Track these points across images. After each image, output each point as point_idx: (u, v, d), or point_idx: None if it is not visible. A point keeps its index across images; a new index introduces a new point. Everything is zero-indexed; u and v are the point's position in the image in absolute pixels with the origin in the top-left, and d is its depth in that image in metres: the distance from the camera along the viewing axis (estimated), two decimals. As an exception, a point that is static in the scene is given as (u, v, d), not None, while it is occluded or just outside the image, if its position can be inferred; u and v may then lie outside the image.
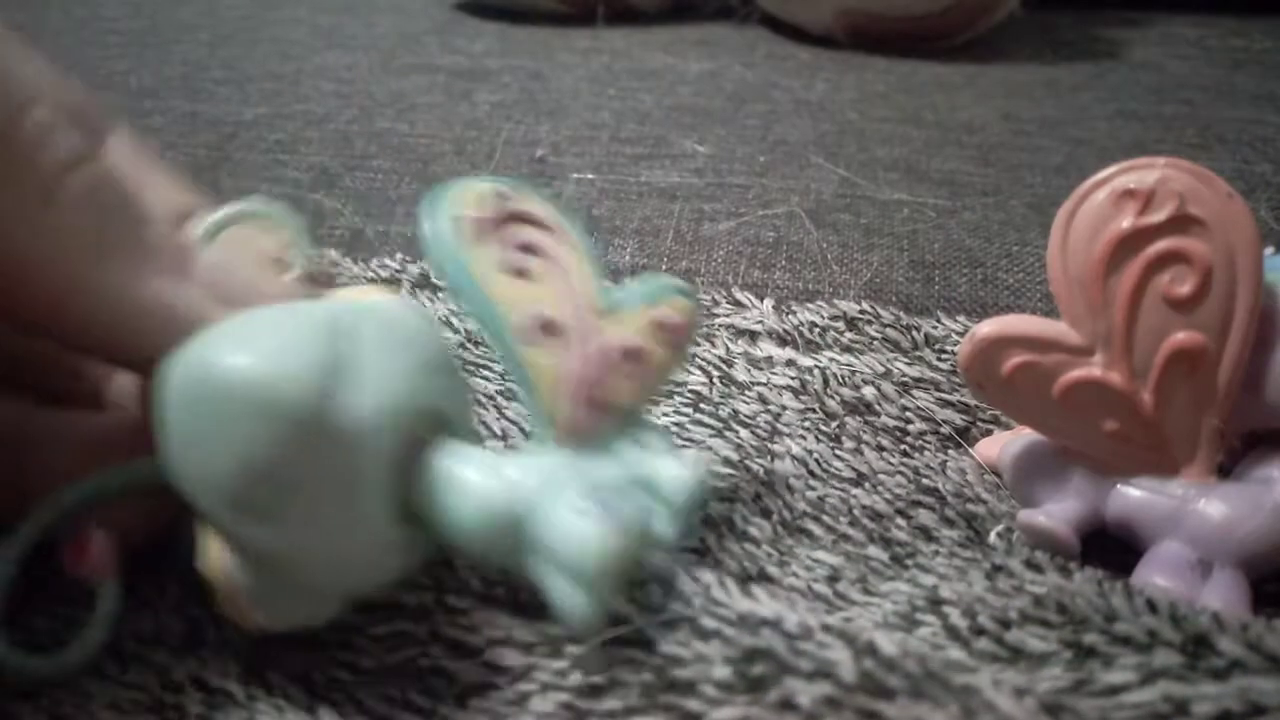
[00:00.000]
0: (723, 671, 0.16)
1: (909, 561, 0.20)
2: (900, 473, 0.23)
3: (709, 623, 0.16)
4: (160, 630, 0.19)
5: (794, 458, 0.23)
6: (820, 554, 0.21)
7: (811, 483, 0.23)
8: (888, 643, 0.15)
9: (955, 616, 0.19)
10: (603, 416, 0.18)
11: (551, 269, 0.19)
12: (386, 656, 0.18)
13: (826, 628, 0.16)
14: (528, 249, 0.19)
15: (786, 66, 0.55)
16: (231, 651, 0.18)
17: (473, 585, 0.18)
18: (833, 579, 0.20)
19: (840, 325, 0.29)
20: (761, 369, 0.27)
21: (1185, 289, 0.20)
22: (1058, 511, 0.21)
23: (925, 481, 0.23)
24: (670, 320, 0.20)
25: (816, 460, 0.23)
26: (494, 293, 0.18)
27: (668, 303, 0.20)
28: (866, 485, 0.23)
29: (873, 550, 0.21)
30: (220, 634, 0.18)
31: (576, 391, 0.18)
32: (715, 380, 0.26)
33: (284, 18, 0.60)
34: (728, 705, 0.15)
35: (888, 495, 0.22)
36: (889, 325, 0.29)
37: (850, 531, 0.21)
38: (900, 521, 0.22)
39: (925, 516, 0.22)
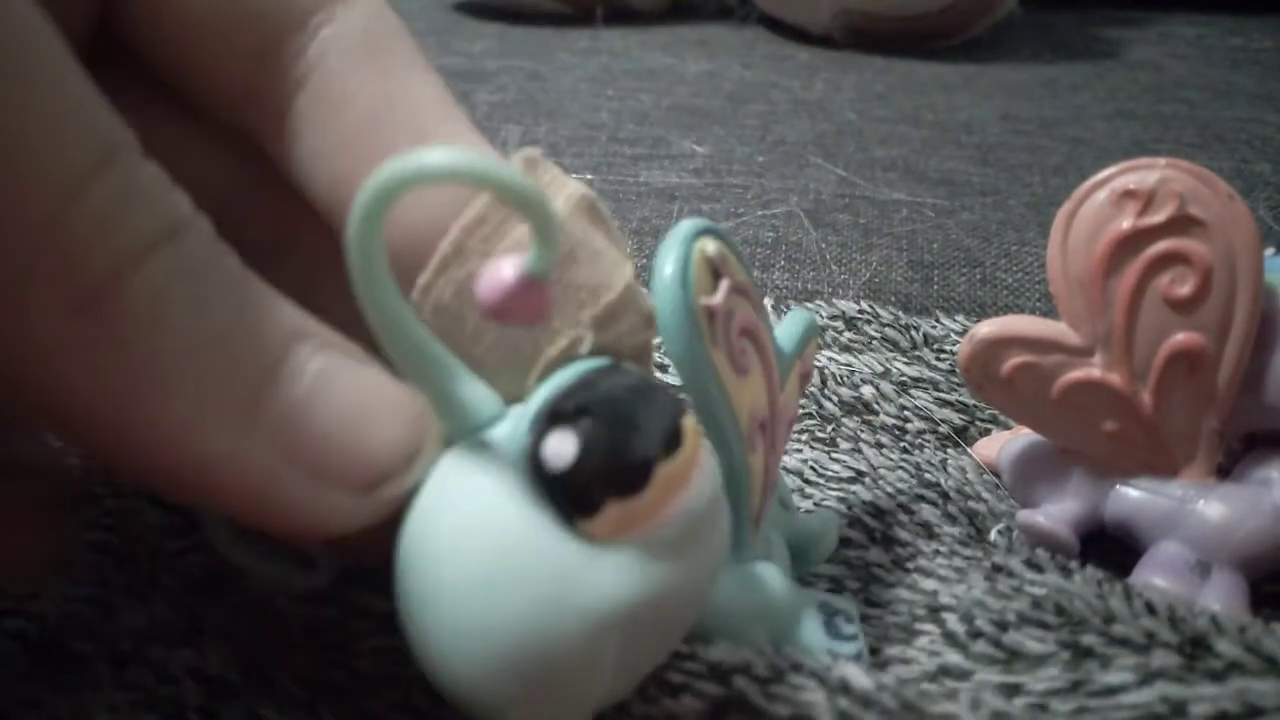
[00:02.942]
0: None
1: (909, 564, 0.20)
2: (901, 468, 0.23)
3: (676, 677, 0.16)
4: (155, 623, 0.19)
5: (789, 470, 0.23)
6: (821, 566, 0.21)
7: (808, 490, 0.23)
8: (861, 677, 0.15)
9: (953, 622, 0.19)
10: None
11: (761, 355, 0.17)
12: (387, 666, 0.18)
13: (797, 667, 0.16)
14: (745, 334, 0.17)
15: (785, 66, 0.55)
16: (230, 642, 0.18)
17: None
18: (833, 592, 0.20)
19: (839, 325, 0.29)
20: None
21: (1185, 290, 0.20)
22: (1057, 512, 0.21)
23: (927, 476, 0.23)
24: (808, 369, 0.19)
25: (813, 467, 0.23)
26: (729, 399, 0.16)
27: (809, 348, 0.19)
28: (867, 480, 0.23)
29: (874, 554, 0.21)
30: (218, 623, 0.18)
31: (768, 484, 0.17)
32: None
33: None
34: None
35: (889, 489, 0.22)
36: (888, 325, 0.29)
37: (851, 534, 0.21)
38: (903, 517, 0.22)
39: (928, 512, 0.22)
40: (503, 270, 0.12)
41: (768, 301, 0.30)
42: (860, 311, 0.29)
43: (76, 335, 0.11)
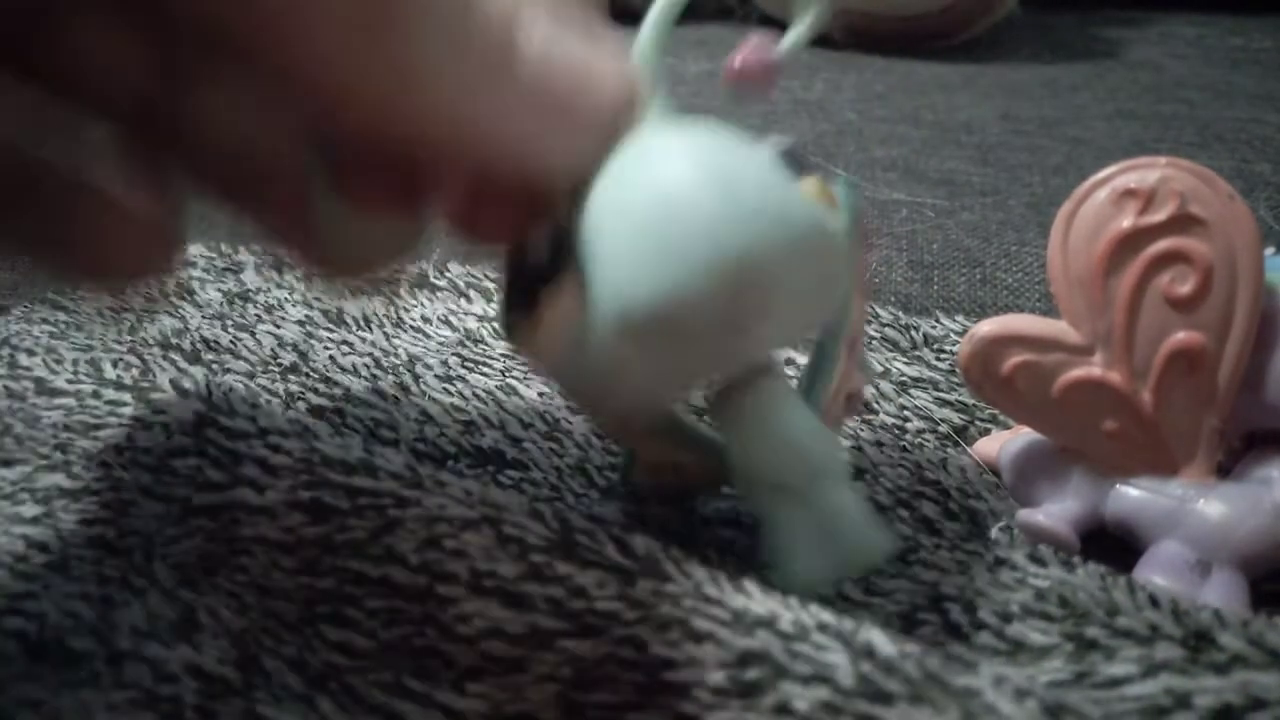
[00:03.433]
0: (716, 676, 0.16)
1: (911, 557, 0.20)
2: (902, 465, 0.23)
3: (701, 624, 0.16)
4: (151, 620, 0.19)
5: None
6: None
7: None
8: (886, 643, 0.15)
9: (956, 613, 0.19)
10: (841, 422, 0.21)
11: (864, 287, 0.21)
12: (382, 633, 0.18)
13: (823, 626, 0.16)
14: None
15: (785, 67, 0.55)
16: (226, 636, 0.18)
17: (461, 575, 0.18)
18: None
19: (839, 325, 0.29)
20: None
21: (1186, 289, 0.20)
22: (1057, 511, 0.21)
23: (927, 474, 0.23)
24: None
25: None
26: (853, 307, 0.19)
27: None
28: (867, 478, 0.23)
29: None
30: (214, 613, 0.18)
31: (840, 389, 0.20)
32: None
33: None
34: (722, 710, 0.15)
35: (889, 486, 0.22)
36: (887, 325, 0.29)
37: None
38: (903, 513, 0.22)
39: (928, 508, 0.22)
40: (766, 48, 0.18)
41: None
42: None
43: (372, 42, 0.14)
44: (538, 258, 0.17)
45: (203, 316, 0.30)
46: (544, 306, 0.16)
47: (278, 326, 0.30)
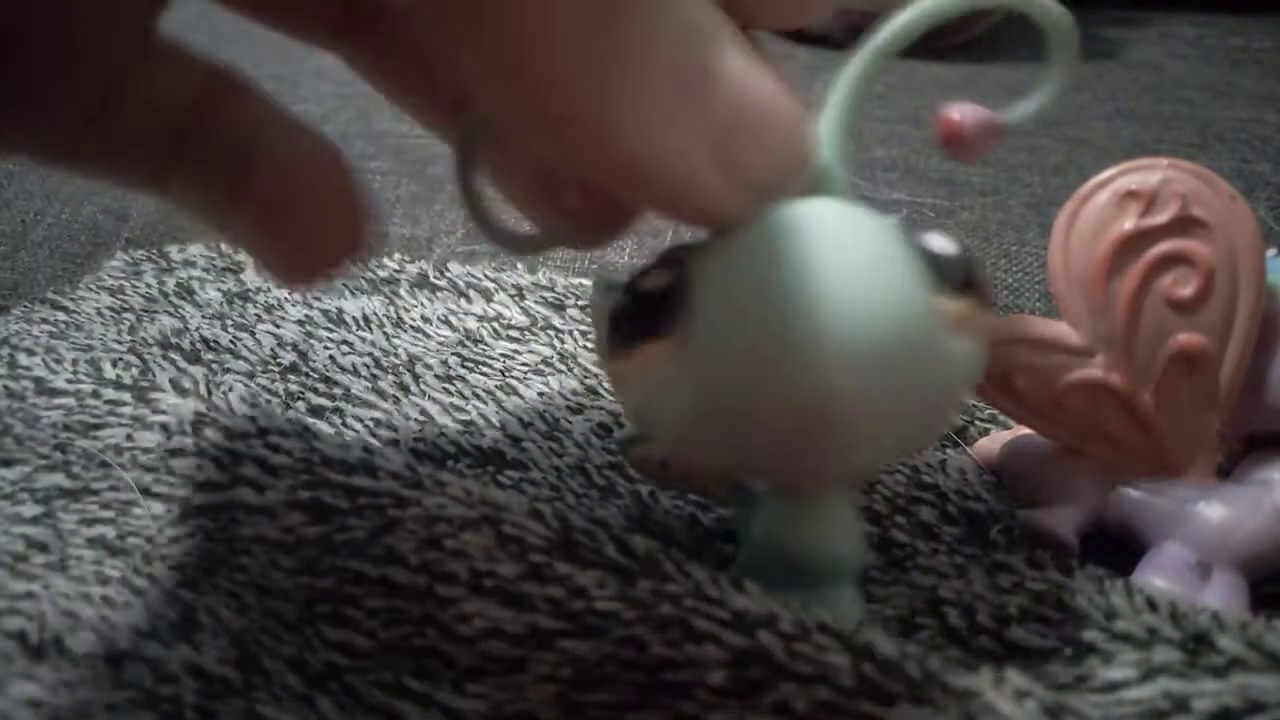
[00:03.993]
0: (716, 676, 0.16)
1: (908, 564, 0.20)
2: (898, 471, 0.23)
3: (701, 624, 0.16)
4: (151, 620, 0.19)
5: None
6: None
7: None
8: (886, 644, 0.15)
9: (954, 616, 0.19)
10: None
11: None
12: (382, 633, 0.18)
13: (823, 627, 0.16)
14: None
15: (786, 66, 0.55)
16: (226, 636, 0.18)
17: (461, 575, 0.18)
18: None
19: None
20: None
21: (1187, 291, 0.20)
22: (1057, 512, 0.21)
23: (925, 479, 0.23)
24: None
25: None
26: None
27: None
28: (862, 486, 0.23)
29: (869, 555, 0.21)
30: (214, 619, 0.18)
31: None
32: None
33: (282, 15, 0.60)
34: (722, 710, 0.15)
35: (886, 493, 0.22)
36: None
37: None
38: (900, 519, 0.22)
39: (926, 513, 0.22)
40: (990, 115, 0.18)
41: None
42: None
43: (580, 50, 0.12)
44: (655, 291, 0.16)
45: (203, 316, 0.30)
46: (645, 346, 0.15)
47: (278, 326, 0.30)
